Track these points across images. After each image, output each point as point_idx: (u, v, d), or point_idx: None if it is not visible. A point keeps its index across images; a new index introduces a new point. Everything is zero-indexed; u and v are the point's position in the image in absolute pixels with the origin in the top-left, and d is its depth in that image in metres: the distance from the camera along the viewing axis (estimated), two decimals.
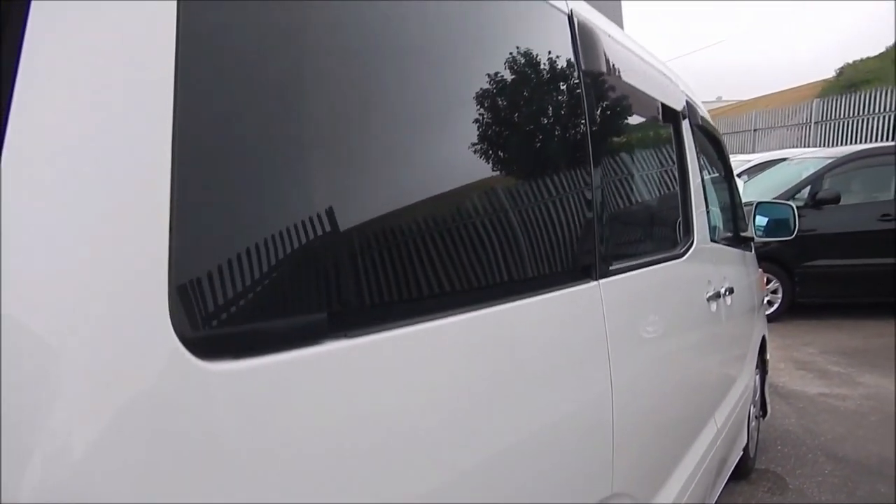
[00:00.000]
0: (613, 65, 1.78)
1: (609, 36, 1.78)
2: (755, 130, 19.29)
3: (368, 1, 0.95)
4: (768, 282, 7.26)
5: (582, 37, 1.59)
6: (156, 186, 0.60)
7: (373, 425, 0.81)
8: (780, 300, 7.45)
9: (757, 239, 3.48)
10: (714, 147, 3.23)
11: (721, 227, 3.12)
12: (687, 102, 2.57)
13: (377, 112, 0.97)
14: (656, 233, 2.20)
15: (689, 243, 2.28)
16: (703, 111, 3.04)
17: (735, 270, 3.02)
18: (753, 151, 16.97)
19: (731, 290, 2.71)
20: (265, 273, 0.72)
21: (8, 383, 0.49)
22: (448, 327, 0.97)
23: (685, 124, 2.45)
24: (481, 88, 1.22)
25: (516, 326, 1.16)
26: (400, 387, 0.88)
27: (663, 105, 2.24)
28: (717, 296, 2.50)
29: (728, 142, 20.40)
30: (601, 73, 1.66)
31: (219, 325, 0.66)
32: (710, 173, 3.05)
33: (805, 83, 26.36)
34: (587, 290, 1.41)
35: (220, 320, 0.66)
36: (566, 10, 1.56)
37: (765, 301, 5.87)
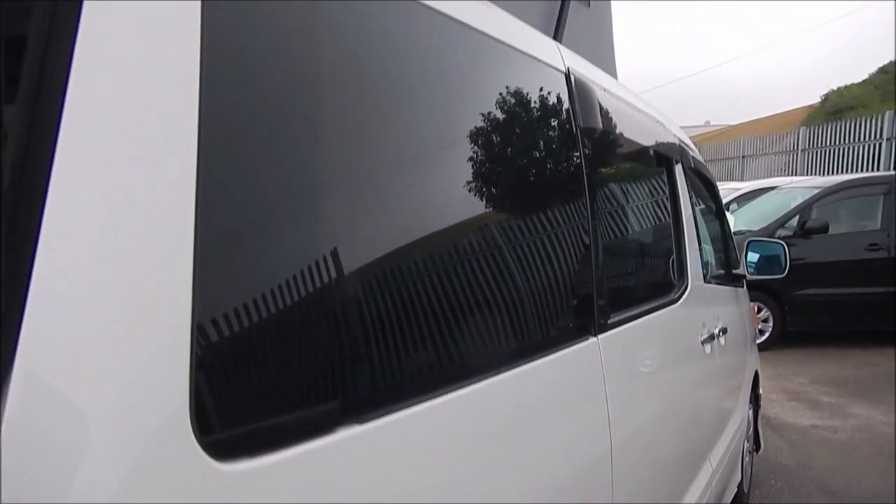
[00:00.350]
0: (609, 117, 1.82)
1: (604, 90, 1.82)
2: (743, 157, 19.48)
3: (383, 64, 0.99)
4: (759, 310, 7.32)
5: (579, 92, 1.62)
6: (178, 299, 0.62)
7: None
8: (770, 329, 7.50)
9: (749, 277, 3.51)
10: (705, 186, 3.27)
11: (713, 263, 3.16)
12: (679, 146, 2.61)
13: (386, 186, 0.99)
14: (652, 280, 2.23)
15: (683, 287, 2.31)
16: (695, 151, 3.08)
17: (728, 309, 3.05)
18: (742, 178, 17.13)
19: (724, 331, 2.73)
20: (278, 370, 0.73)
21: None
22: (454, 402, 0.98)
23: (678, 168, 2.49)
24: (484, 150, 1.25)
25: (520, 393, 1.18)
26: (412, 465, 0.89)
27: (657, 152, 2.28)
28: (712, 337, 2.52)
29: (717, 168, 20.51)
30: (597, 127, 1.70)
31: (236, 424, 0.68)
32: (702, 212, 3.09)
33: (792, 108, 26.72)
34: (587, 348, 1.43)
35: (237, 420, 0.68)
36: (563, 69, 1.59)
37: (756, 330, 5.92)
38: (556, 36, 1.98)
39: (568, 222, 1.50)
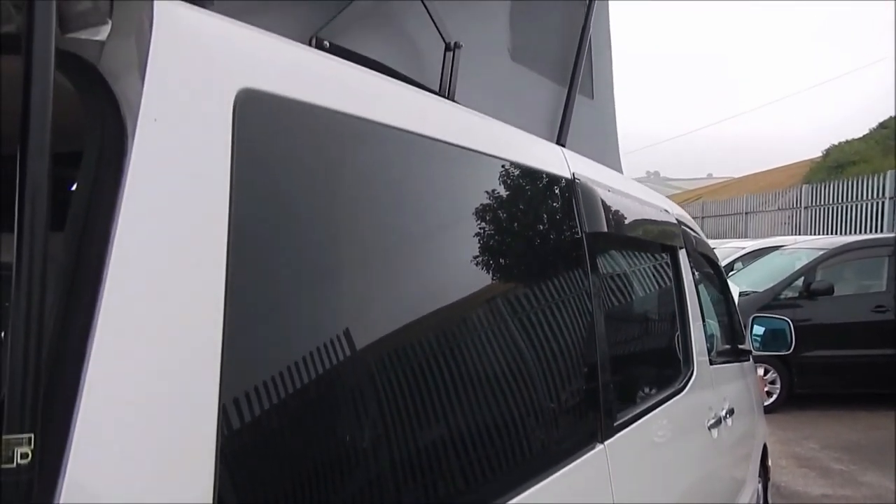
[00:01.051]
0: (613, 216, 1.87)
1: (609, 190, 1.88)
2: (746, 213, 19.60)
3: (409, 186, 1.06)
4: (766, 372, 7.29)
5: (584, 196, 1.68)
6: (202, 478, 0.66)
7: None
8: (778, 391, 7.45)
9: (755, 353, 3.52)
10: (709, 264, 3.31)
11: (718, 339, 3.17)
12: (682, 231, 2.66)
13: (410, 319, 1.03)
14: (657, 372, 2.24)
15: (689, 373, 2.32)
16: (698, 231, 3.13)
17: (735, 387, 3.05)
18: (745, 235, 17.20)
19: (731, 412, 2.74)
20: None
21: None
22: None
23: (682, 253, 2.53)
24: (494, 267, 1.30)
25: None
26: None
27: (661, 242, 2.33)
28: (719, 421, 2.53)
29: (721, 224, 20.41)
30: (601, 230, 1.75)
31: None
32: (706, 289, 3.12)
33: (794, 162, 27.00)
34: (594, 457, 1.45)
35: None
36: (569, 175, 1.66)
37: (764, 393, 5.86)
38: (561, 136, 2.05)
39: (575, 332, 1.53)
